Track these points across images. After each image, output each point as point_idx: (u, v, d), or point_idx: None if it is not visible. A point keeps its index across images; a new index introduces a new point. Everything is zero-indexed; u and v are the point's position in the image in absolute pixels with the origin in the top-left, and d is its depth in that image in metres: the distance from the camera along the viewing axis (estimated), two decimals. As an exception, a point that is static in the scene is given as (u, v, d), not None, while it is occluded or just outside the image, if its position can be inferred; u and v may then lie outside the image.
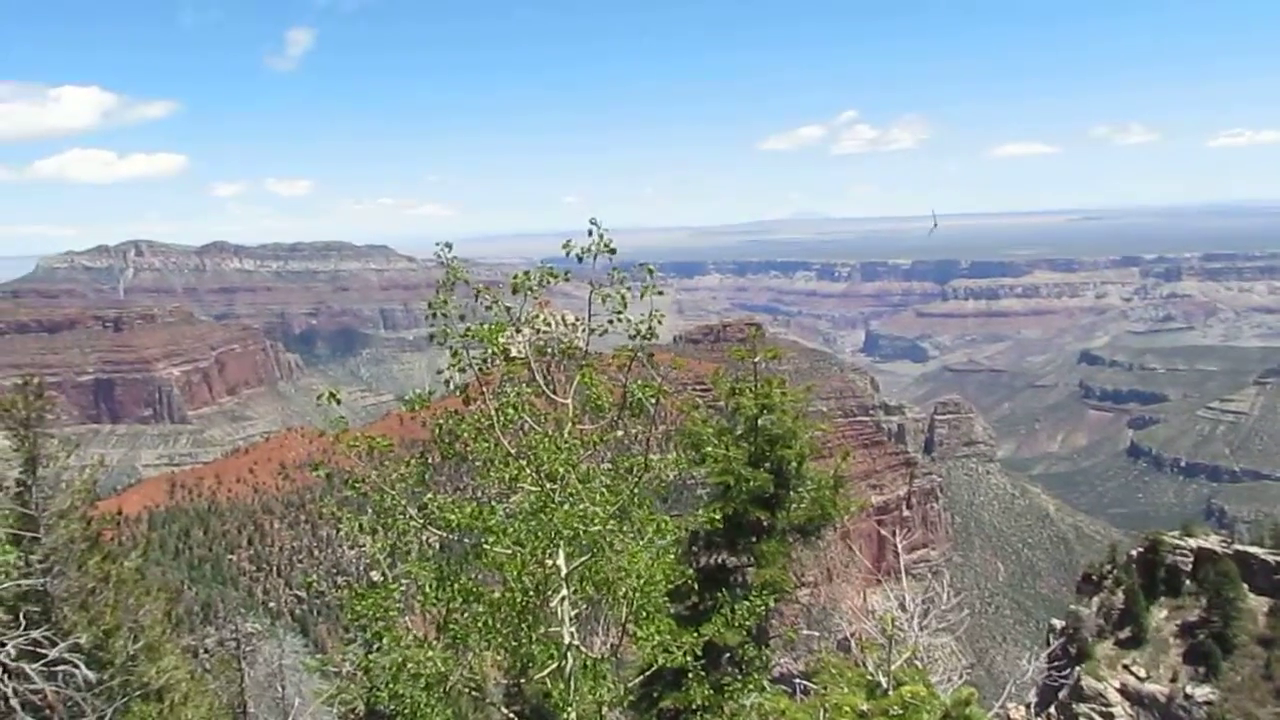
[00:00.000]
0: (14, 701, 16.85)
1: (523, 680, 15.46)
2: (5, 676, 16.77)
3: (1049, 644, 77.24)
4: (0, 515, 18.91)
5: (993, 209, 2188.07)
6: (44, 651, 17.12)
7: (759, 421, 21.64)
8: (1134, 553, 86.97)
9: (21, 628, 17.10)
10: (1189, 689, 74.23)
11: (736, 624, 17.27)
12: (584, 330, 14.53)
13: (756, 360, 22.04)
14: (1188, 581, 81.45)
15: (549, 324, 14.77)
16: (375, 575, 14.98)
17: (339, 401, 14.91)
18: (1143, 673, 77.31)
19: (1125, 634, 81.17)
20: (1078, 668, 77.89)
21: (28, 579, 18.42)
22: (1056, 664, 70.85)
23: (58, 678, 17.44)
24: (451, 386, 14.40)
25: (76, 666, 17.41)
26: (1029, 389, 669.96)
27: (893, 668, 17.95)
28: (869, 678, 18.30)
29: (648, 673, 16.32)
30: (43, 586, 18.78)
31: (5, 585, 17.12)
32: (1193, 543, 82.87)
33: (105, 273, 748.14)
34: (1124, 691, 76.52)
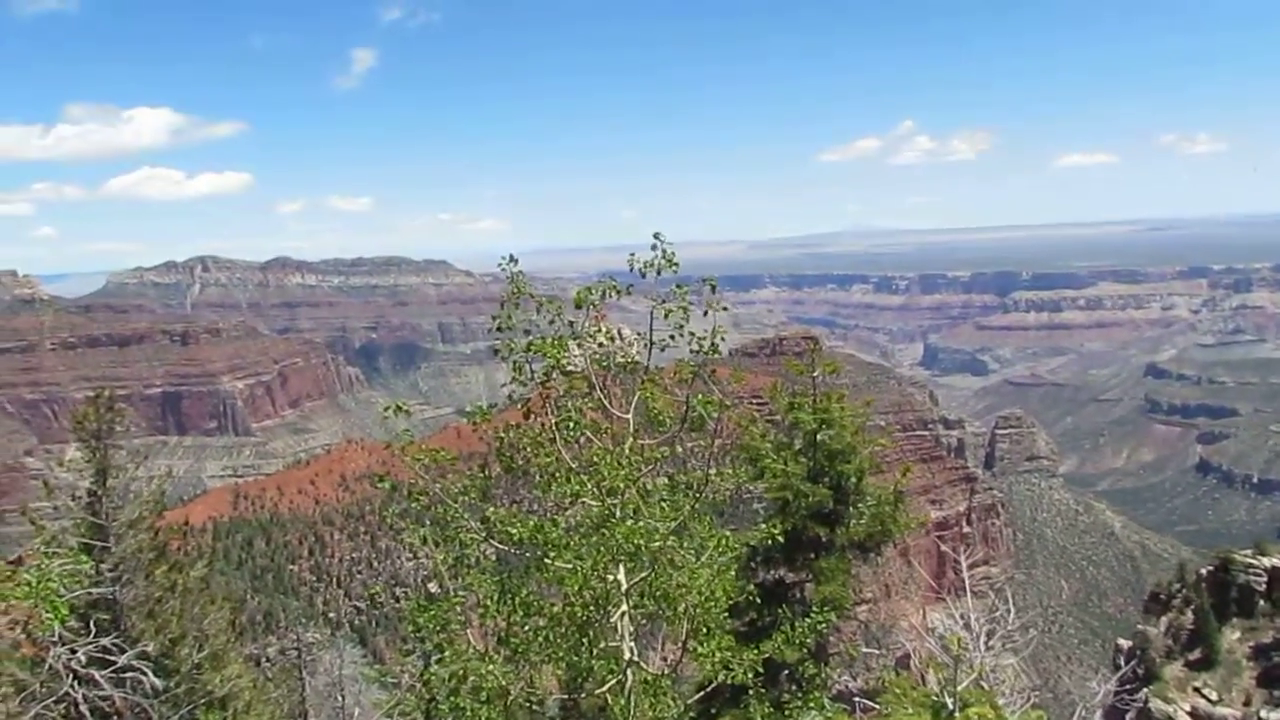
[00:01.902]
0: (84, 707, 17.17)
1: (581, 695, 15.38)
2: (76, 683, 17.10)
3: (1117, 665, 75.51)
4: (72, 524, 19.39)
5: (1054, 220, 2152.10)
6: (113, 658, 17.45)
7: (818, 436, 21.46)
8: (1204, 571, 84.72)
9: (91, 635, 17.43)
10: (1263, 713, 72.02)
11: (796, 641, 17.11)
12: (645, 345, 14.48)
13: (814, 374, 21.87)
14: (1261, 602, 79.20)
15: (610, 338, 14.76)
16: (433, 587, 15.06)
17: (408, 414, 15.04)
18: (1214, 695, 75.23)
19: (1195, 655, 79.06)
20: (1146, 689, 76.00)
21: (98, 587, 18.85)
22: (1125, 686, 69.27)
23: (126, 684, 17.76)
24: (513, 399, 14.46)
25: (144, 674, 17.70)
26: (1093, 403, 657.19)
27: (959, 688, 17.61)
28: (934, 698, 17.98)
29: (707, 689, 16.19)
30: (112, 595, 19.21)
31: (77, 593, 17.47)
32: (1267, 562, 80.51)
33: (173, 288, 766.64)
34: (1194, 715, 74.51)
